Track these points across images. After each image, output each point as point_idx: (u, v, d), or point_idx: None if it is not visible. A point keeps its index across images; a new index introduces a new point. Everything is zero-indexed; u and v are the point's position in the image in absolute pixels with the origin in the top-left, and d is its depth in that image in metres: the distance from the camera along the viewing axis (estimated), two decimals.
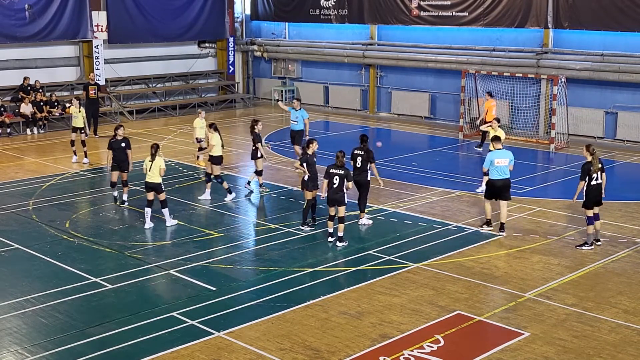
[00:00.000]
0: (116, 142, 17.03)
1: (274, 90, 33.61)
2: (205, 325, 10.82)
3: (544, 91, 25.55)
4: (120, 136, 17.02)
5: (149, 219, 15.51)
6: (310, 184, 15.11)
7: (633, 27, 23.32)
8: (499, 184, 14.79)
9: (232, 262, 13.52)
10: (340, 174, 14.11)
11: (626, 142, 24.04)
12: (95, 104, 26.09)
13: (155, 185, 15.33)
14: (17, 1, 27.25)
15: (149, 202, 15.47)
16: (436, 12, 27.91)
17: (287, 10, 32.79)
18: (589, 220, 14.09)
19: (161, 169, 15.24)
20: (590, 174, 13.84)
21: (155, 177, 15.26)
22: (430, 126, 27.89)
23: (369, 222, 15.58)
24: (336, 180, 14.11)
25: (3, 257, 13.80)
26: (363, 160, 15.26)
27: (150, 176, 15.28)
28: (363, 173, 15.31)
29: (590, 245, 14.09)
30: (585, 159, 13.99)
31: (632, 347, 10.19)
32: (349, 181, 14.18)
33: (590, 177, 13.85)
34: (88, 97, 25.79)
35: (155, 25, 30.89)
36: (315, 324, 10.89)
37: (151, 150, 15.37)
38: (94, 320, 11.02)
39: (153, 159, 15.23)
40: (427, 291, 12.11)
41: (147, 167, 15.29)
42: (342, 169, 14.13)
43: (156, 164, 15.21)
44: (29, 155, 22.85)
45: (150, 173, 15.26)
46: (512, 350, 10.07)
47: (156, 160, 15.24)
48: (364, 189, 15.43)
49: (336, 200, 14.18)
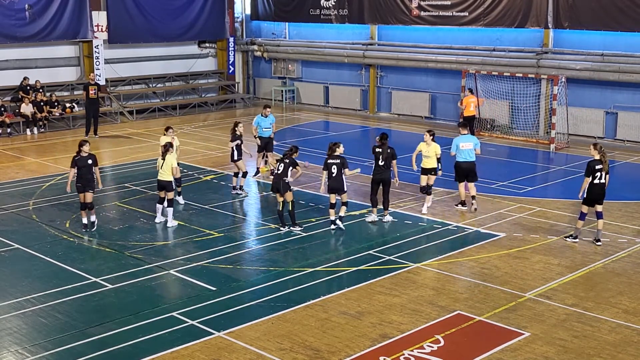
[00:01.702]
0: (81, 159, 15.13)
1: (274, 90, 33.64)
2: (205, 325, 10.82)
3: (544, 91, 25.55)
4: (85, 153, 15.16)
5: (160, 213, 15.81)
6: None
7: (633, 27, 23.32)
8: (464, 166, 16.23)
9: (232, 262, 13.52)
10: (337, 163, 14.98)
11: (626, 142, 24.04)
12: (96, 104, 26.09)
13: (166, 183, 15.49)
14: (17, 1, 27.25)
15: (161, 199, 15.72)
16: (436, 12, 27.91)
17: (287, 10, 32.79)
18: (581, 215, 14.26)
19: (173, 167, 15.44)
20: (595, 172, 13.90)
21: (166, 175, 15.45)
22: (430, 126, 27.84)
23: (392, 219, 15.72)
24: (334, 170, 14.93)
25: (3, 257, 13.80)
26: (386, 158, 15.34)
27: (162, 174, 15.47)
28: (387, 171, 15.43)
29: (575, 239, 14.28)
30: (593, 157, 14.05)
31: (632, 347, 10.19)
32: (346, 168, 15.03)
33: (594, 175, 13.90)
34: (88, 97, 25.79)
35: (155, 25, 30.90)
36: (315, 324, 10.89)
37: (162, 149, 15.62)
38: (94, 320, 11.02)
39: (164, 158, 15.40)
40: (427, 291, 12.10)
41: (159, 165, 15.53)
42: (338, 158, 15.02)
43: (167, 163, 15.38)
44: (29, 155, 22.85)
45: (162, 171, 15.46)
46: (512, 350, 10.07)
47: (167, 158, 15.40)
48: (388, 187, 15.56)
49: (336, 188, 15.08)
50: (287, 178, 14.95)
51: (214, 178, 19.64)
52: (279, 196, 15.10)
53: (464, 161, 16.19)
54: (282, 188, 14.91)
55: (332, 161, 15.05)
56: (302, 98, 33.36)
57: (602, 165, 13.92)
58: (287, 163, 15.01)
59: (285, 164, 15.01)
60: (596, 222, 14.33)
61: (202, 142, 24.62)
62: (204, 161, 21.78)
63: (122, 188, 18.81)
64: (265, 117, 19.67)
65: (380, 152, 15.41)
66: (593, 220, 14.46)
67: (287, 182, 14.94)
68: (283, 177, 14.92)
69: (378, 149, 15.44)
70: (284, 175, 14.93)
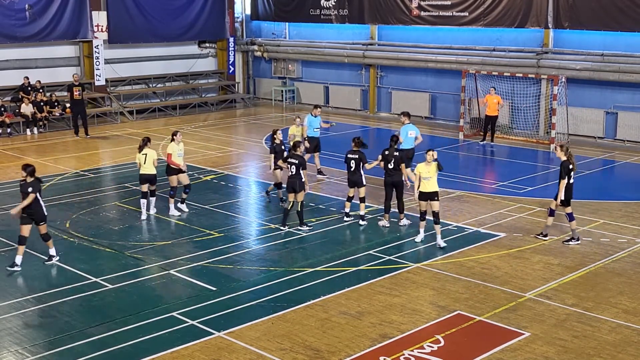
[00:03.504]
0: (25, 185, 13.00)
1: (274, 90, 33.64)
2: (205, 325, 10.82)
3: (544, 91, 25.55)
4: (30, 178, 12.99)
5: (145, 209, 16.09)
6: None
7: (633, 27, 23.32)
8: (411, 154, 17.84)
9: (232, 262, 13.52)
10: (355, 157, 15.43)
11: (626, 142, 24.04)
12: (81, 105, 26.00)
13: (151, 176, 15.95)
14: (17, 1, 27.27)
15: (144, 194, 16.04)
16: (436, 12, 27.92)
17: (287, 10, 32.79)
18: (569, 216, 14.32)
19: (154, 159, 15.87)
20: (570, 172, 14.06)
21: (150, 169, 15.87)
22: (430, 126, 27.87)
23: (408, 222, 15.61)
24: (353, 164, 15.42)
25: (3, 257, 13.80)
26: (396, 161, 15.32)
27: (145, 168, 15.86)
28: (398, 173, 15.39)
29: (577, 240, 14.31)
30: (566, 159, 14.09)
31: (632, 347, 10.19)
32: (365, 162, 15.44)
33: (569, 175, 14.05)
34: (72, 98, 25.70)
35: (155, 25, 30.90)
36: (315, 324, 10.89)
37: (141, 143, 15.94)
38: (94, 320, 11.02)
39: (142, 151, 15.78)
40: (427, 291, 12.11)
41: (141, 160, 15.85)
42: (357, 153, 15.48)
43: (150, 156, 15.82)
44: (29, 155, 22.85)
45: (145, 165, 15.83)
46: (512, 350, 10.07)
47: (148, 152, 15.81)
48: (401, 189, 15.51)
49: (355, 181, 15.58)
50: (303, 178, 15.09)
51: (214, 178, 19.64)
52: (291, 195, 15.20)
53: (411, 148, 17.91)
54: (298, 187, 15.05)
55: (351, 156, 15.50)
56: (302, 98, 33.36)
57: (573, 165, 14.06)
58: (297, 164, 15.09)
59: (295, 165, 15.09)
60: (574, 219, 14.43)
61: (202, 142, 24.62)
62: (204, 161, 21.78)
63: (122, 188, 18.82)
64: (315, 117, 19.63)
65: (389, 155, 15.37)
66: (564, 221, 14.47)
67: (302, 181, 15.09)
68: (298, 177, 15.05)
69: (387, 152, 15.41)
70: (298, 176, 15.05)
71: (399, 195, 15.51)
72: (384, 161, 15.38)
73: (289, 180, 15.22)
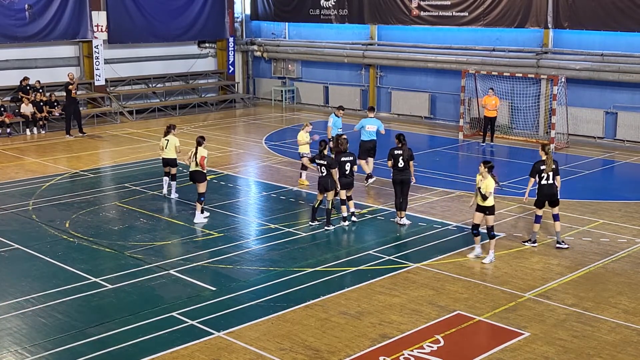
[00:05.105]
0: None
1: (274, 90, 33.64)
2: (205, 325, 10.82)
3: (544, 91, 25.55)
4: None
5: (167, 185, 17.67)
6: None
7: (633, 27, 23.31)
8: (369, 145, 18.41)
9: (232, 262, 13.52)
10: (350, 160, 15.56)
11: (626, 142, 24.03)
12: (75, 103, 26.01)
13: (171, 160, 17.44)
14: (17, 1, 27.24)
15: (166, 173, 17.70)
16: (436, 12, 27.91)
17: (287, 10, 32.78)
18: (536, 218, 14.30)
19: (176, 146, 17.31)
20: (541, 173, 13.99)
21: (171, 154, 17.32)
22: (430, 126, 27.89)
23: (409, 222, 15.61)
24: (347, 167, 15.51)
25: (3, 257, 13.80)
26: (405, 160, 15.34)
27: (166, 153, 17.33)
28: (406, 171, 15.43)
29: (533, 243, 14.26)
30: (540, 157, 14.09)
31: (632, 347, 10.19)
32: (354, 165, 15.70)
33: (540, 176, 14.01)
34: (69, 97, 25.69)
35: (155, 25, 30.89)
36: (315, 324, 10.89)
37: (166, 129, 17.47)
38: (94, 320, 11.02)
39: (165, 137, 17.28)
40: (427, 291, 12.11)
41: (164, 145, 17.34)
42: (350, 155, 15.63)
43: (171, 142, 17.28)
44: (29, 155, 22.85)
45: (166, 150, 17.29)
46: (512, 350, 10.07)
47: (171, 138, 17.27)
48: (408, 187, 15.56)
49: (349, 183, 15.66)
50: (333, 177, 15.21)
51: (214, 178, 19.63)
52: (320, 194, 15.42)
53: (370, 140, 18.45)
54: (329, 186, 15.19)
55: (345, 158, 15.50)
56: (302, 98, 33.35)
57: (546, 166, 13.96)
58: (327, 165, 15.20)
59: (325, 166, 15.19)
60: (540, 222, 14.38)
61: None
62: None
63: (122, 188, 18.82)
64: (338, 117, 19.60)
65: (400, 154, 15.34)
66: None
67: (334, 180, 15.19)
68: (329, 177, 15.18)
69: (397, 151, 15.38)
70: (329, 176, 15.16)
71: (405, 193, 15.52)
72: (393, 160, 15.40)
73: (320, 180, 15.38)
